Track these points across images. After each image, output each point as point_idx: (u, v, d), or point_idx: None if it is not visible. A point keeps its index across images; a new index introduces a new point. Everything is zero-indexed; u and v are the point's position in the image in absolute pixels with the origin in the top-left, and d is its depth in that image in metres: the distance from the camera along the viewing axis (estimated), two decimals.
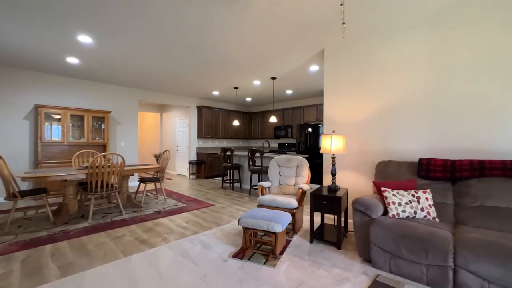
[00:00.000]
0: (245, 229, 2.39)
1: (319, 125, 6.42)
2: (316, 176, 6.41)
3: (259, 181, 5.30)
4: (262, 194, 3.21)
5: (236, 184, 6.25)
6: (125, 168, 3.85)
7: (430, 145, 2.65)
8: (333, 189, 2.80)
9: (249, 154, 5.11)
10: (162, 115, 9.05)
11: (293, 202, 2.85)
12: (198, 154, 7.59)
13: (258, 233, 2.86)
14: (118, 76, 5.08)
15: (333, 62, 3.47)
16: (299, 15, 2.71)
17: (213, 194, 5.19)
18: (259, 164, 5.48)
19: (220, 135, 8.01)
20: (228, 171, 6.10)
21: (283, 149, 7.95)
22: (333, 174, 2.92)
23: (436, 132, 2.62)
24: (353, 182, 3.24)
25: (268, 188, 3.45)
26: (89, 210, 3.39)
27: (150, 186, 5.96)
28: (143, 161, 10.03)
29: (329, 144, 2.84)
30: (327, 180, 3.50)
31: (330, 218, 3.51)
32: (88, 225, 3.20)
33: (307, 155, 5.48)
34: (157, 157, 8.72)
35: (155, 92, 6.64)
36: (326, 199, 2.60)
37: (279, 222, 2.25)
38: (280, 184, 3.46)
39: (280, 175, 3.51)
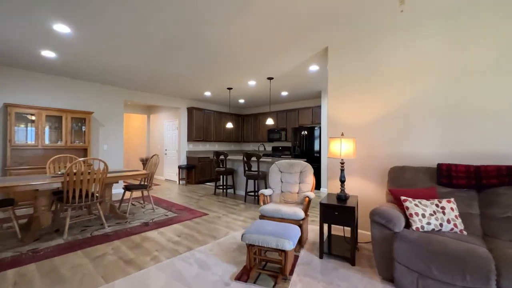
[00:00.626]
0: (250, 246, 2.08)
1: (315, 128, 6.22)
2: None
3: (254, 187, 5.00)
4: (263, 203, 2.91)
5: (230, 190, 5.91)
6: (109, 175, 3.44)
7: (447, 149, 2.47)
8: (343, 197, 2.55)
9: (245, 159, 4.80)
10: (149, 117, 8.57)
11: (300, 213, 2.57)
12: (188, 158, 7.19)
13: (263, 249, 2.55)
14: (102, 73, 4.65)
15: (338, 61, 3.25)
16: (302, 9, 2.47)
17: (205, 202, 4.82)
18: (256, 169, 5.18)
19: (212, 138, 7.65)
20: (221, 177, 5.76)
21: (277, 152, 7.70)
22: (342, 181, 2.67)
23: (453, 135, 2.43)
24: (361, 189, 3.01)
25: (270, 196, 3.15)
26: (65, 224, 2.95)
27: (137, 193, 5.51)
28: (129, 166, 9.46)
29: (338, 148, 2.59)
30: (331, 187, 3.25)
31: (336, 228, 3.25)
32: (63, 242, 2.76)
33: (305, 159, 5.25)
34: (144, 162, 8.22)
35: (143, 92, 6.21)
36: (338, 210, 2.34)
37: (289, 238, 1.96)
38: (282, 191, 3.17)
39: (282, 181, 3.23)
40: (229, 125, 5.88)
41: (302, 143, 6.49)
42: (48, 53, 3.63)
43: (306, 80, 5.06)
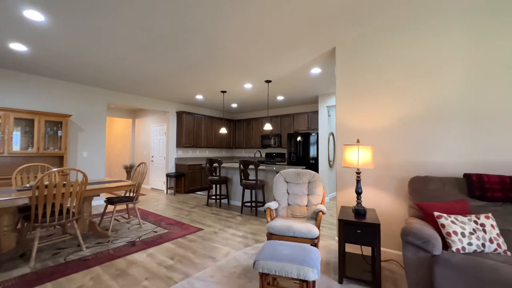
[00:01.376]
0: (263, 275, 1.74)
1: (312, 134, 6.01)
2: None
3: (251, 198, 4.65)
4: (270, 219, 2.57)
5: (223, 200, 5.51)
6: (89, 187, 2.97)
7: (472, 157, 2.27)
8: (362, 211, 2.28)
9: (242, 166, 4.46)
10: (134, 121, 8.02)
11: (314, 230, 2.26)
12: (177, 165, 6.71)
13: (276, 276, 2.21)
14: (82, 72, 4.17)
15: (347, 62, 3.04)
16: (308, 5, 2.22)
17: (198, 214, 4.40)
18: (253, 177, 4.84)
19: (202, 144, 7.23)
20: (214, 186, 5.35)
21: (270, 159, 7.41)
22: (359, 192, 2.40)
23: (479, 143, 2.25)
24: (376, 201, 2.76)
25: (275, 210, 2.83)
26: (33, 247, 2.45)
27: (121, 206, 4.97)
28: (110, 174, 8.79)
29: (356, 156, 2.33)
30: (341, 198, 2.99)
31: (350, 245, 2.97)
32: (29, 272, 2.27)
33: (304, 167, 4.98)
34: (128, 170, 7.62)
35: (128, 94, 5.72)
36: (361, 227, 2.06)
37: (313, 266, 1.64)
38: (289, 204, 2.86)
39: (288, 193, 2.91)
40: (223, 130, 5.53)
41: (298, 149, 6.25)
42: (17, 46, 3.14)
43: (306, 84, 4.84)
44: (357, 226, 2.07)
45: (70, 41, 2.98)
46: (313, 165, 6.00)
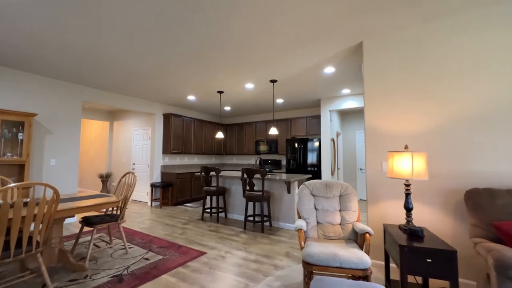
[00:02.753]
0: None
1: (314, 140, 5.65)
2: None
3: (254, 211, 4.11)
4: (304, 244, 2.07)
5: (220, 214, 4.90)
6: (61, 206, 2.27)
7: None
8: (419, 232, 1.88)
9: (245, 176, 3.93)
10: (112, 124, 7.14)
11: (366, 258, 1.81)
12: (163, 174, 5.97)
13: None
14: (51, 61, 3.42)
15: (377, 58, 2.69)
16: None
17: (194, 232, 3.76)
18: (259, 188, 4.32)
19: (192, 150, 6.57)
20: (210, 197, 4.74)
21: (266, 166, 6.93)
22: (410, 208, 2.01)
23: None
24: (418, 217, 2.38)
25: (304, 230, 2.34)
26: None
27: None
28: (82, 184, 7.74)
29: (406, 165, 1.95)
30: (373, 214, 2.59)
31: (394, 270, 2.55)
32: None
33: (310, 175, 4.58)
34: (104, 179, 6.69)
35: (108, 93, 4.96)
36: (431, 255, 1.64)
37: None
38: (319, 223, 2.39)
39: (316, 209, 2.45)
40: (219, 135, 4.97)
41: (298, 156, 5.85)
42: None
43: (315, 84, 4.48)
44: (426, 254, 1.65)
45: (35, 16, 2.30)
46: (315, 173, 5.62)
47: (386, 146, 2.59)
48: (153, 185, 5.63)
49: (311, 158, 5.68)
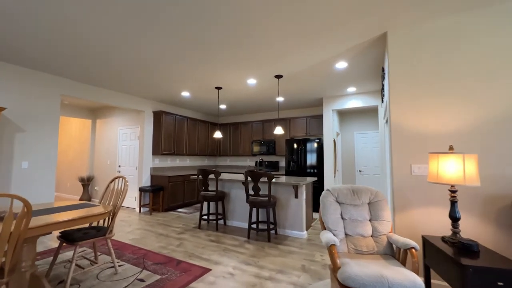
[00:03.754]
0: None
1: (316, 141, 5.39)
2: (317, 204, 5.26)
3: (258, 217, 3.76)
4: (338, 261, 1.75)
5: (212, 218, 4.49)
6: (34, 222, 1.80)
7: None
8: (474, 247, 1.62)
9: (249, 179, 3.57)
10: (95, 123, 6.52)
11: (418, 281, 1.51)
12: (153, 177, 5.47)
13: None
14: (22, 45, 2.89)
15: (403, 51, 2.44)
16: None
17: (193, 243, 3.35)
18: (266, 193, 3.97)
19: (184, 151, 6.10)
20: (208, 203, 4.33)
21: (261, 168, 6.60)
22: (457, 218, 1.76)
23: None
24: (445, 225, 2.14)
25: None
26: None
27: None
28: (59, 188, 7.03)
29: (459, 169, 1.69)
30: (402, 224, 2.32)
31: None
32: None
33: (315, 178, 4.29)
34: (85, 183, 6.06)
35: (91, 87, 4.41)
36: (505, 277, 1.37)
37: None
38: (347, 234, 2.08)
39: (343, 218, 2.14)
40: (218, 134, 4.57)
41: (300, 157, 5.57)
42: None
43: (324, 80, 4.20)
44: (497, 276, 1.38)
45: None
46: (317, 175, 5.37)
47: (416, 147, 2.34)
48: (142, 190, 5.12)
49: (313, 159, 5.42)
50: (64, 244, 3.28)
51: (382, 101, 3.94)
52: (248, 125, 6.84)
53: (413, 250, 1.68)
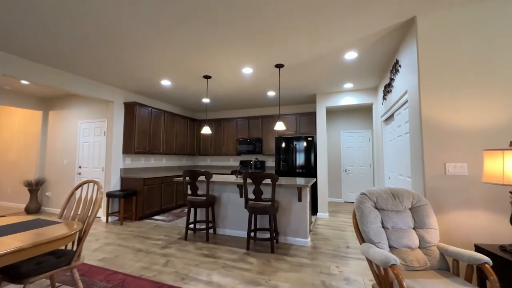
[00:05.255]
0: None
1: (309, 139, 5.11)
2: (314, 207, 4.96)
3: (256, 224, 3.30)
4: (400, 284, 1.39)
5: (197, 226, 3.90)
6: None
7: None
8: None
9: (250, 181, 3.10)
10: (47, 114, 5.40)
11: None
12: (124, 180, 4.64)
13: None
14: None
15: (436, 38, 2.21)
16: None
17: (183, 259, 2.76)
18: (269, 197, 3.51)
19: (161, 150, 5.35)
20: (194, 210, 3.74)
21: (248, 168, 6.14)
22: None
23: None
24: (493, 232, 1.95)
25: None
26: None
27: None
28: None
29: None
30: (447, 228, 2.08)
31: None
32: None
33: (315, 179, 3.97)
34: (33, 188, 4.95)
35: (43, 66, 3.50)
36: None
37: None
38: (392, 247, 1.74)
39: (385, 227, 1.80)
40: (206, 130, 3.98)
41: (292, 156, 5.24)
42: None
43: (324, 74, 3.89)
44: None
45: None
46: (311, 175, 5.09)
47: (451, 143, 2.11)
48: (110, 195, 4.28)
49: (306, 159, 5.13)
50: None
51: (384, 98, 3.79)
52: (232, 122, 6.32)
53: (487, 266, 1.40)
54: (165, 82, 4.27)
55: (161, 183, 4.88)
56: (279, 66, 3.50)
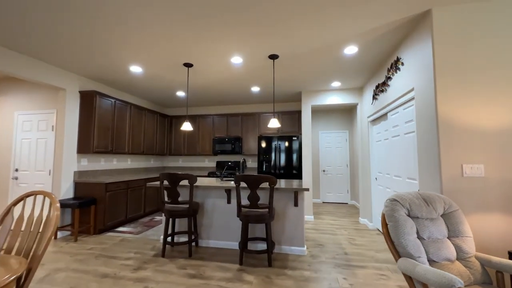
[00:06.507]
0: None
1: (294, 138, 4.89)
2: None
3: (248, 234, 2.92)
4: None
5: (179, 238, 3.36)
6: None
7: None
8: None
9: (245, 184, 2.69)
10: None
11: None
12: (79, 186, 3.81)
13: None
14: None
15: (453, 33, 2.11)
16: None
17: (164, 284, 2.23)
18: (266, 202, 3.10)
19: (126, 149, 4.58)
20: (172, 220, 3.19)
21: (222, 171, 5.68)
22: None
23: None
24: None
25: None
26: None
27: None
28: None
29: None
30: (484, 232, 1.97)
31: None
32: None
33: (299, 180, 3.73)
34: None
35: None
36: None
37: None
38: (431, 261, 1.53)
39: (420, 238, 1.59)
40: (187, 126, 3.44)
41: (276, 156, 4.95)
42: None
43: (319, 69, 3.67)
44: None
45: None
46: (296, 177, 4.87)
47: (468, 143, 2.02)
48: (61, 205, 3.44)
49: (290, 159, 4.89)
50: None
51: (375, 98, 3.73)
52: (208, 119, 5.79)
53: None
54: (135, 69, 3.60)
55: (126, 188, 4.14)
56: (274, 57, 3.16)
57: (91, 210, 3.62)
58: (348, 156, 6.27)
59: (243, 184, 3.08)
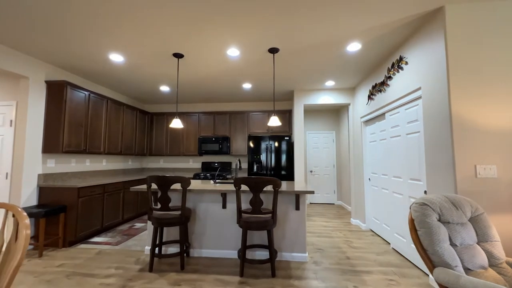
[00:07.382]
0: None
1: (286, 138, 4.73)
2: None
3: (246, 242, 2.68)
4: None
5: (172, 249, 3.01)
6: None
7: None
8: None
9: (247, 187, 2.44)
10: None
11: None
12: (44, 191, 3.26)
13: None
14: None
15: (466, 29, 2.07)
16: None
17: None
18: (269, 208, 2.85)
19: (102, 149, 4.07)
20: (160, 229, 2.83)
21: (209, 171, 5.37)
22: None
23: None
24: None
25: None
26: None
27: None
28: None
29: None
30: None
31: None
32: None
33: (292, 181, 3.57)
34: None
35: None
36: None
37: None
38: (466, 269, 1.42)
39: (453, 245, 1.48)
40: (176, 123, 3.10)
41: (267, 157, 4.75)
42: None
43: (317, 67, 3.53)
44: None
45: None
46: (288, 178, 4.71)
47: (481, 144, 1.99)
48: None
49: (282, 160, 4.72)
50: None
51: (371, 98, 3.69)
52: (193, 117, 5.43)
53: None
54: (116, 57, 3.17)
55: (102, 193, 3.65)
56: (274, 50, 2.96)
57: (60, 219, 3.12)
58: (335, 157, 6.27)
59: (243, 187, 2.82)
